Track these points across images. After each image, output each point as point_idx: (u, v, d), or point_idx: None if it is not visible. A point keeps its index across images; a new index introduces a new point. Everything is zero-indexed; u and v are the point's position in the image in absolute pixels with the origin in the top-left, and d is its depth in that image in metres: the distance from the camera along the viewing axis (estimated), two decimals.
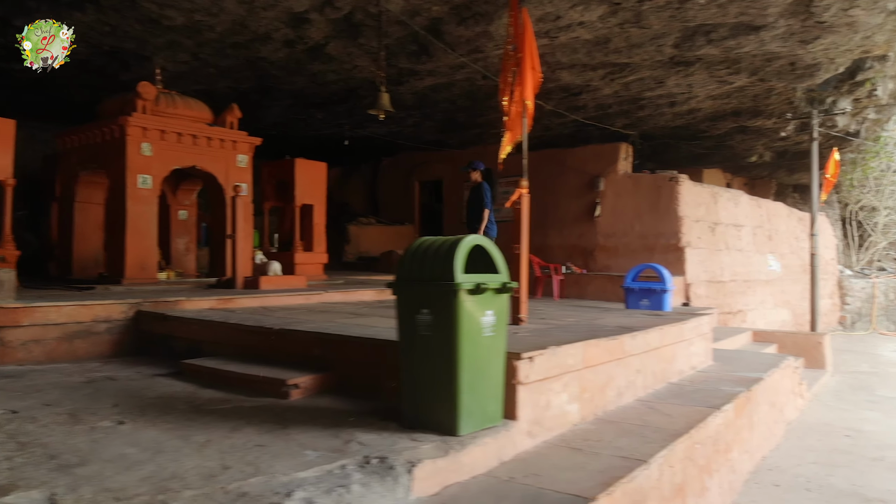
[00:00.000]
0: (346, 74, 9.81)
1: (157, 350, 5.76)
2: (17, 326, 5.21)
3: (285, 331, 4.85)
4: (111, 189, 8.40)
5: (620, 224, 12.86)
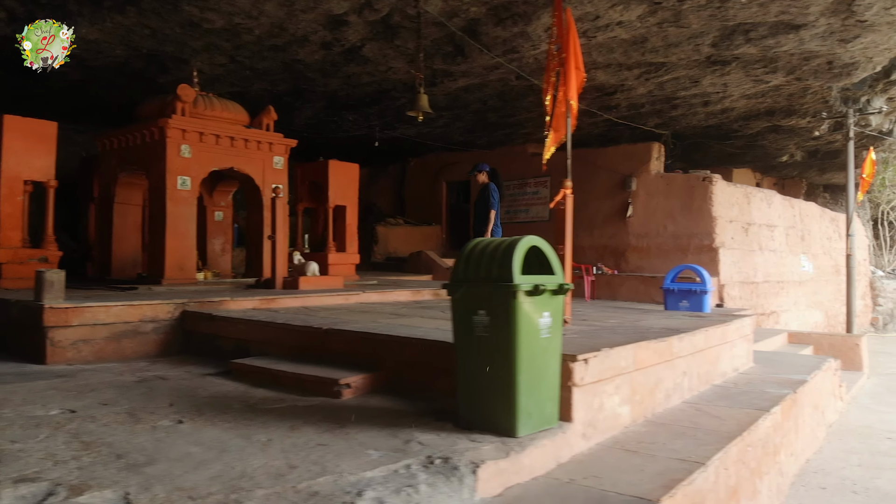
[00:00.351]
0: (381, 76, 9.85)
1: (202, 349, 5.82)
2: (67, 326, 5.29)
3: (333, 330, 4.87)
4: (151, 190, 8.50)
5: (652, 224, 12.78)
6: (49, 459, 2.94)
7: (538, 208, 14.51)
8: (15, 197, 7.62)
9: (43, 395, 4.20)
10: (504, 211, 15.06)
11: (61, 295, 5.38)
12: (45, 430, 3.38)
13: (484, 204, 8.10)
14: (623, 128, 13.23)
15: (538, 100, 11.16)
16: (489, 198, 7.99)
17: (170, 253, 8.18)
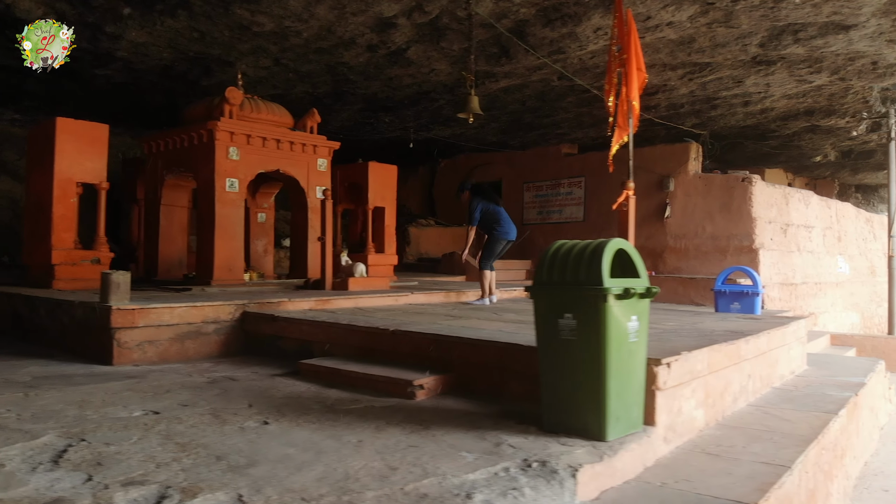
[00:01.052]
0: (422, 78, 9.87)
1: (263, 350, 5.87)
2: (133, 327, 5.35)
3: (400, 332, 4.89)
4: (199, 192, 8.57)
5: (691, 225, 12.70)
6: (150, 462, 2.97)
7: (572, 209, 14.47)
8: (68, 199, 7.71)
9: (120, 396, 4.25)
10: (536, 212, 15.10)
11: (127, 296, 5.44)
12: (135, 432, 3.42)
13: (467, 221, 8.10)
14: (660, 128, 13.17)
15: (578, 100, 11.17)
16: (469, 214, 7.95)
17: (219, 254, 8.24)
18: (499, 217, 7.99)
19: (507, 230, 8.02)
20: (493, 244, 7.92)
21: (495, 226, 7.94)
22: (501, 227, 7.93)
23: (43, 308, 6.15)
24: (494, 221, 7.96)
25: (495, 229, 7.93)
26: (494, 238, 7.93)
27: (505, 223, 8.02)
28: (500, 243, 7.95)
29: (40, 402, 3.99)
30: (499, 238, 7.92)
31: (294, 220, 9.71)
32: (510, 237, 8.06)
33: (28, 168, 8.35)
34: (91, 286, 7.65)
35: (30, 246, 8.05)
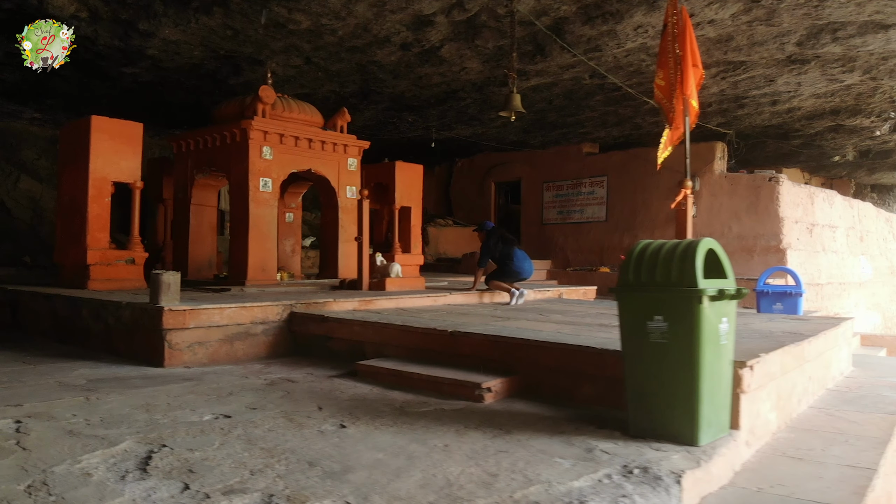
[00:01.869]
0: (452, 77, 9.79)
1: (313, 351, 5.79)
2: (184, 329, 5.27)
3: (460, 333, 4.81)
4: (232, 192, 8.50)
5: (717, 225, 12.62)
6: (242, 468, 2.90)
7: (594, 208, 14.38)
8: (103, 198, 7.64)
9: (184, 399, 4.17)
10: (556, 211, 15.02)
11: (177, 297, 5.37)
12: (215, 437, 3.34)
13: None
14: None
15: (606, 98, 11.09)
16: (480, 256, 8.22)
17: (252, 254, 8.17)
18: (512, 255, 8.07)
19: (521, 268, 8.09)
20: (503, 276, 8.05)
21: (507, 261, 8.07)
22: (515, 263, 8.03)
23: (86, 309, 6.08)
24: (507, 259, 8.08)
25: (507, 265, 8.06)
26: (505, 272, 8.07)
27: (519, 261, 8.10)
28: (512, 276, 8.04)
29: (105, 407, 3.92)
30: (511, 271, 8.04)
31: (324, 219, 9.64)
32: (524, 276, 8.12)
33: (60, 167, 8.27)
34: (126, 287, 7.59)
35: (63, 246, 7.97)
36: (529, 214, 15.78)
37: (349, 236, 9.44)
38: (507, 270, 7.94)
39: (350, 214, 9.48)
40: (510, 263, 7.90)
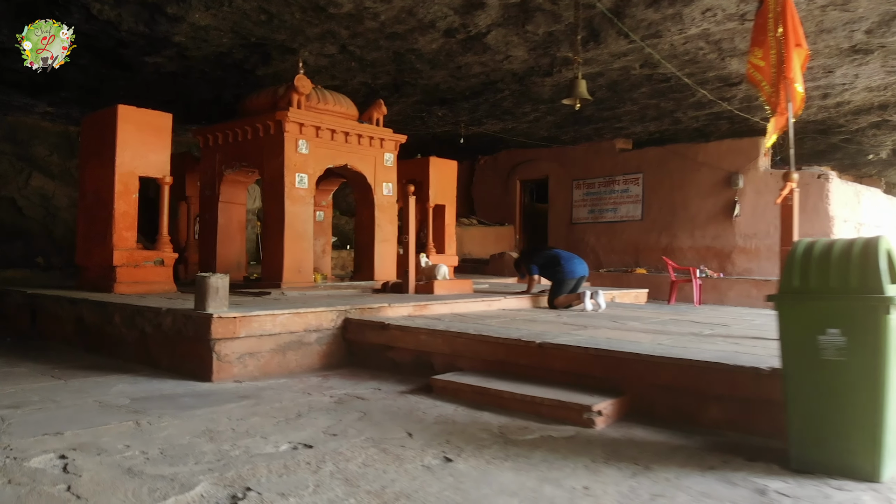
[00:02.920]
0: (494, 66, 9.23)
1: (371, 362, 5.24)
2: (234, 338, 4.71)
3: (550, 345, 4.25)
4: (266, 189, 7.95)
5: (762, 224, 12.05)
6: None
7: (628, 207, 13.80)
8: (130, 194, 7.09)
9: (248, 423, 3.61)
10: (587, 210, 14.46)
11: (225, 303, 4.81)
12: (305, 476, 2.79)
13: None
14: (724, 122, 12.50)
15: (651, 90, 10.51)
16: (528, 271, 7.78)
17: (288, 255, 7.62)
18: (559, 259, 7.48)
19: (573, 269, 7.46)
20: (560, 287, 7.39)
21: (557, 267, 7.43)
22: (564, 266, 7.38)
23: (119, 315, 5.52)
24: (555, 264, 7.46)
25: (559, 272, 7.40)
26: (559, 281, 7.41)
27: (567, 262, 7.48)
28: (568, 284, 7.38)
29: (161, 435, 3.36)
30: (565, 280, 7.38)
31: (358, 218, 9.08)
32: (577, 274, 7.47)
33: (82, 161, 7.71)
34: (154, 290, 7.05)
35: (85, 246, 7.42)
36: (557, 213, 15.21)
37: (386, 236, 8.90)
38: (560, 279, 7.32)
39: (386, 213, 8.93)
40: (559, 270, 7.27)
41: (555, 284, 7.26)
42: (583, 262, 7.47)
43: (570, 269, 7.26)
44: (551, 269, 7.33)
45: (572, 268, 7.28)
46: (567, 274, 7.21)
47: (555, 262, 7.33)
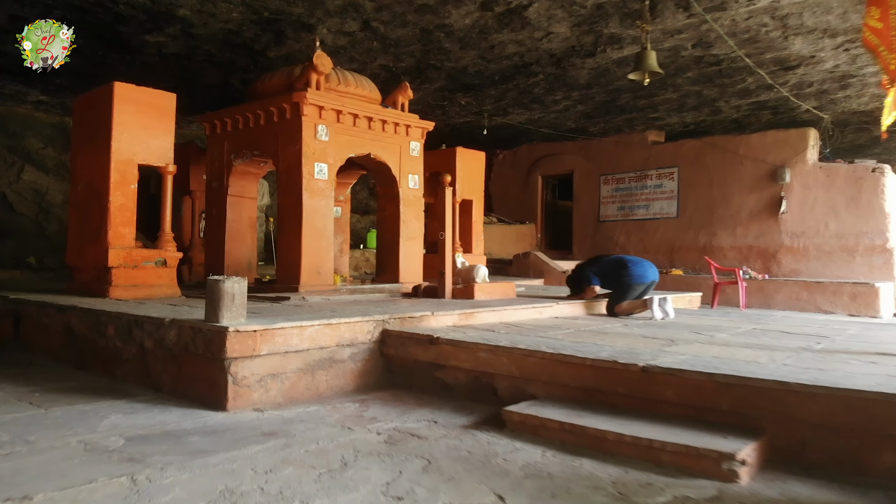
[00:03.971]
0: (531, 45, 8.34)
1: (415, 382, 4.36)
2: (254, 357, 3.83)
3: (659, 370, 3.36)
4: (281, 180, 7.06)
5: (811, 222, 11.16)
6: None
7: (662, 203, 12.89)
8: (128, 185, 6.21)
9: (281, 476, 2.73)
10: (616, 207, 13.58)
11: (243, 313, 3.92)
12: None
13: None
14: (766, 112, 11.62)
15: (698, 75, 9.62)
16: (587, 282, 6.77)
17: (306, 254, 6.75)
18: (624, 263, 6.53)
19: (642, 272, 6.47)
20: (625, 292, 6.41)
21: (622, 272, 6.44)
22: (631, 270, 6.40)
23: (113, 326, 4.63)
24: (620, 268, 6.48)
25: (624, 276, 6.40)
26: (625, 286, 6.40)
27: (635, 265, 6.50)
28: (634, 289, 6.41)
29: (165, 499, 2.47)
30: (631, 284, 6.39)
31: (381, 214, 8.19)
32: (647, 279, 6.49)
33: (74, 147, 6.82)
34: (156, 295, 6.17)
35: (77, 245, 6.54)
36: (583, 210, 14.31)
37: (412, 233, 8.03)
38: (627, 283, 6.36)
39: (412, 207, 8.05)
40: (625, 274, 6.33)
41: (619, 289, 6.34)
42: (653, 266, 6.54)
43: (640, 273, 6.33)
44: (614, 275, 6.39)
45: (642, 271, 6.36)
46: (635, 278, 6.29)
47: (619, 266, 6.41)
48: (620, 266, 6.39)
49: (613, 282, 6.38)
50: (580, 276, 6.64)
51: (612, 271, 6.41)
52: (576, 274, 6.76)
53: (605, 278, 6.44)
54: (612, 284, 6.40)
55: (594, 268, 6.55)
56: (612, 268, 6.45)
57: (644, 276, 6.34)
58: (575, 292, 6.72)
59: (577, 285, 6.70)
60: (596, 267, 6.55)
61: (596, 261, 6.74)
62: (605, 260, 6.66)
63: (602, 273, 6.45)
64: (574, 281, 6.75)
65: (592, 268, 6.56)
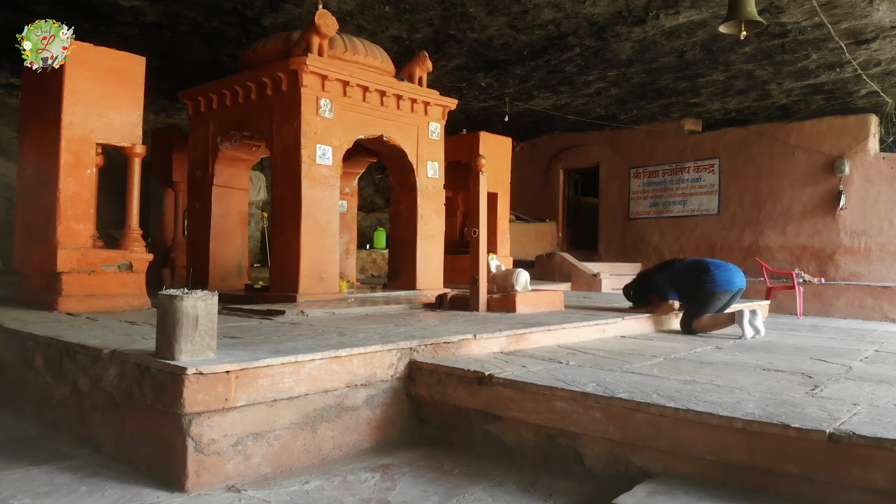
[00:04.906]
0: (571, 11, 7.12)
1: (456, 437, 3.12)
2: (227, 409, 2.60)
3: (857, 438, 2.12)
4: (275, 166, 5.84)
5: (873, 218, 9.94)
6: None
7: (701, 199, 11.64)
8: (83, 169, 4.98)
9: None
10: (648, 203, 12.39)
11: (211, 343, 2.69)
12: None
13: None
14: (820, 96, 10.37)
15: (754, 50, 8.36)
16: (658, 293, 5.40)
17: (306, 256, 5.53)
18: (706, 267, 5.23)
19: (727, 278, 5.16)
20: (706, 303, 5.12)
21: (703, 277, 5.14)
22: (715, 276, 5.13)
23: (42, 355, 3.41)
24: (700, 273, 5.19)
25: (706, 284, 5.10)
26: (707, 294, 5.09)
27: (719, 270, 5.19)
28: (718, 300, 5.14)
29: None
30: (715, 293, 5.09)
31: (395, 208, 6.98)
32: (734, 286, 5.19)
33: (21, 125, 5.60)
34: (118, 307, 4.96)
35: (23, 245, 5.32)
36: (611, 206, 13.06)
37: (431, 230, 6.82)
38: (709, 292, 5.07)
39: (432, 200, 6.84)
40: (707, 280, 5.04)
41: (699, 298, 5.06)
42: (739, 271, 5.25)
43: (725, 279, 5.06)
44: (692, 282, 5.10)
45: (727, 276, 5.09)
46: (720, 285, 5.02)
47: (698, 270, 5.13)
48: (700, 270, 5.13)
49: (691, 290, 5.10)
50: (647, 285, 5.37)
51: (688, 278, 5.14)
52: (640, 283, 5.49)
53: (680, 288, 5.16)
54: (689, 293, 5.12)
55: (665, 275, 5.26)
56: (689, 273, 5.18)
57: (731, 283, 5.08)
58: (639, 306, 5.45)
59: (642, 298, 5.43)
60: (667, 275, 5.27)
61: (666, 267, 5.45)
62: (678, 265, 5.39)
63: (676, 281, 5.18)
64: (638, 293, 5.46)
65: (663, 276, 5.28)
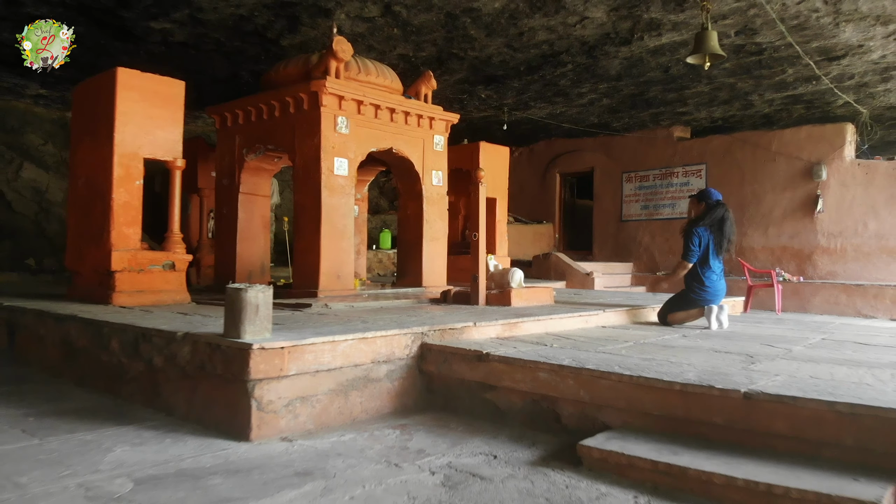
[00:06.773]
0: (563, 32, 7.82)
1: (460, 404, 3.84)
2: (281, 378, 3.31)
3: (767, 397, 2.82)
4: (297, 177, 6.55)
5: (849, 221, 10.63)
6: None
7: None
8: (132, 180, 5.69)
9: None
10: (640, 206, 13.06)
11: (268, 326, 3.40)
12: None
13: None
14: (800, 106, 11.06)
15: (735, 66, 9.05)
16: (686, 242, 5.69)
17: (325, 257, 6.23)
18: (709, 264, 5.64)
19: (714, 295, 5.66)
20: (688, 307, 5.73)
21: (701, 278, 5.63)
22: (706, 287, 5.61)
23: (118, 340, 4.12)
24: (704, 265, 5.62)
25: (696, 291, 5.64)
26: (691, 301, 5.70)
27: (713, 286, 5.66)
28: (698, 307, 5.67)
29: None
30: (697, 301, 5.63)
31: (403, 213, 7.68)
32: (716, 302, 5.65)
33: (74, 141, 6.31)
34: (163, 301, 5.67)
35: (77, 247, 6.03)
36: (604, 209, 13.77)
37: (435, 233, 7.52)
38: (692, 300, 5.65)
39: (436, 206, 7.55)
40: (698, 289, 5.63)
41: (684, 300, 5.71)
42: (724, 283, 5.87)
43: (713, 296, 5.51)
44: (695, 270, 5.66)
45: (714, 293, 5.55)
46: (706, 301, 5.58)
47: (706, 265, 5.62)
48: (705, 265, 5.66)
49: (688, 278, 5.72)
50: (691, 231, 5.68)
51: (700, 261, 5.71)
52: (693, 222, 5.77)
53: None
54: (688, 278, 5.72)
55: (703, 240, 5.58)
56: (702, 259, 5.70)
57: (716, 299, 5.59)
58: None
59: None
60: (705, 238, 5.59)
61: (714, 231, 5.60)
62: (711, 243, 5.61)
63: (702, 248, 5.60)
64: None
65: (703, 238, 5.58)
